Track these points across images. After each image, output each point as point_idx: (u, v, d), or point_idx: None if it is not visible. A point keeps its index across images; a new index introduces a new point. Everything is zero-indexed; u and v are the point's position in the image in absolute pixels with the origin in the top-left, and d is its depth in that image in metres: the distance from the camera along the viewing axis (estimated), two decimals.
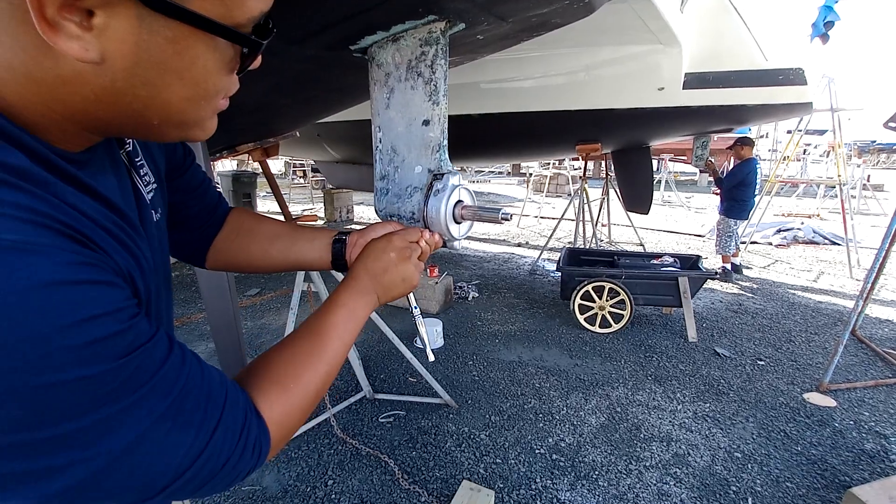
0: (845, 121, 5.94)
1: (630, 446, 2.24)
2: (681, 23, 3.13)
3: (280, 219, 0.78)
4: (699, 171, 14.74)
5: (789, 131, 9.89)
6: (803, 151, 12.39)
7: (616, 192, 5.60)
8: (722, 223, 5.00)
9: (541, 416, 2.48)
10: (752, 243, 6.66)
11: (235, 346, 1.93)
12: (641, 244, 6.39)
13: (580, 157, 4.59)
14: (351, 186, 7.42)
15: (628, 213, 5.68)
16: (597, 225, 5.90)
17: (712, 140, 4.34)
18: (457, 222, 0.78)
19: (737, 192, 4.84)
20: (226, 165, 13.82)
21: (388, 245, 0.62)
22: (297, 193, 12.35)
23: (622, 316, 3.49)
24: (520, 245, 6.81)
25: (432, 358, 0.73)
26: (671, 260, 3.90)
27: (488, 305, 4.14)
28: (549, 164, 13.33)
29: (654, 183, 6.28)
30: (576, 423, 2.42)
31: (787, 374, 2.97)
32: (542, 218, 9.17)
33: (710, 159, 4.67)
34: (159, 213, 0.52)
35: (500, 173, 21.30)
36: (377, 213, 0.88)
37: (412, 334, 3.44)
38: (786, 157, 6.73)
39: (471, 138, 4.18)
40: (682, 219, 9.51)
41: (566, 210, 5.59)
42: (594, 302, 3.53)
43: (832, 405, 2.60)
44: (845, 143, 6.13)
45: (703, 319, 3.85)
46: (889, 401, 2.66)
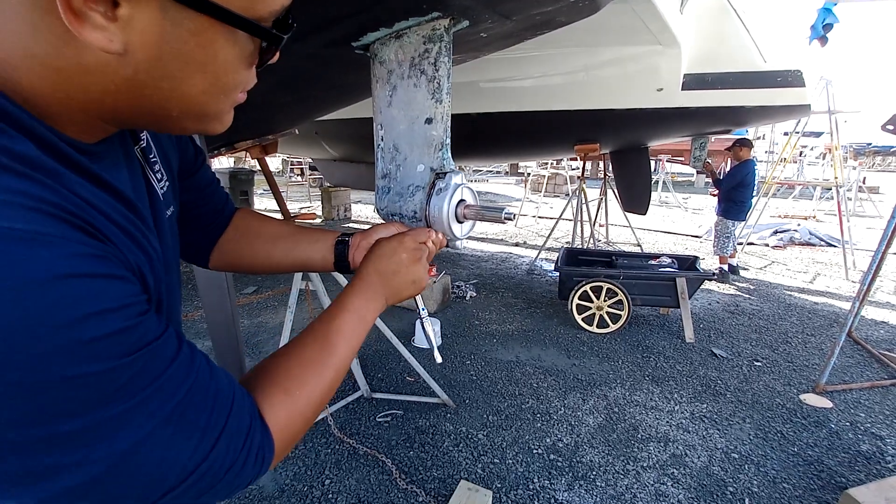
0: (841, 123, 5.96)
1: (628, 447, 2.24)
2: (680, 24, 3.13)
3: (279, 217, 0.77)
4: (696, 172, 14.79)
5: (786, 133, 9.94)
6: (800, 153, 12.45)
7: (614, 192, 5.61)
8: (720, 224, 5.01)
9: (538, 415, 2.48)
10: (748, 244, 6.68)
11: (233, 344, 1.92)
12: (639, 244, 6.40)
13: (578, 157, 4.59)
14: (349, 185, 7.40)
15: (626, 213, 5.69)
16: (594, 225, 5.90)
17: (710, 141, 4.35)
18: (459, 222, 0.77)
19: (735, 194, 4.85)
20: (223, 163, 13.78)
21: (399, 246, 0.61)
22: (294, 191, 12.31)
23: (620, 316, 3.49)
24: (517, 245, 6.81)
25: (440, 360, 0.72)
26: (669, 261, 3.90)
27: (486, 305, 4.14)
28: (547, 163, 13.33)
29: (652, 183, 6.30)
30: (573, 423, 2.42)
31: (783, 375, 2.98)
32: (539, 218, 9.18)
33: (708, 160, 4.68)
34: (171, 210, 0.51)
35: (497, 173, 21.31)
36: (378, 211, 0.87)
37: (410, 333, 3.43)
38: (783, 159, 6.75)
39: (469, 138, 4.18)
40: (679, 219, 9.54)
41: (564, 210, 5.59)
42: (592, 302, 3.53)
43: (828, 406, 2.61)
44: (841, 145, 6.16)
45: (700, 320, 3.86)
46: (885, 402, 2.67)
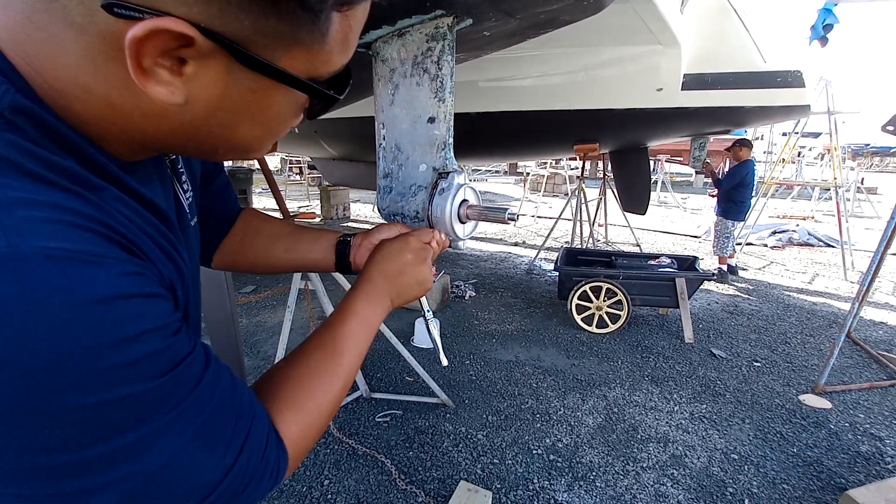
0: (840, 124, 5.97)
1: (627, 447, 2.24)
2: (680, 24, 3.13)
3: (278, 216, 0.77)
4: (696, 172, 14.81)
5: (784, 133, 9.96)
6: (798, 154, 12.49)
7: (613, 192, 5.61)
8: (720, 224, 5.02)
9: (538, 416, 2.47)
10: (747, 245, 6.69)
11: (232, 343, 1.91)
12: (638, 244, 6.40)
13: (578, 157, 4.59)
14: (348, 184, 7.37)
15: (625, 213, 5.69)
16: (594, 225, 5.90)
17: (709, 141, 4.35)
18: (462, 222, 0.77)
19: (735, 194, 4.86)
20: None
21: (404, 246, 0.60)
22: (293, 190, 12.29)
23: (619, 316, 3.48)
24: (516, 244, 6.81)
25: (446, 362, 0.71)
26: (668, 261, 3.90)
27: (485, 304, 4.13)
28: (546, 163, 13.34)
29: (651, 183, 6.30)
30: (573, 423, 2.42)
31: (782, 375, 2.98)
32: (538, 217, 9.18)
33: (708, 160, 4.69)
34: (195, 221, 0.52)
35: (496, 172, 21.30)
36: (380, 211, 0.86)
37: (409, 333, 3.42)
38: (782, 160, 6.76)
39: (469, 137, 4.16)
40: (678, 220, 9.55)
41: (563, 210, 5.59)
42: (591, 302, 3.53)
43: (828, 407, 2.61)
44: (840, 146, 6.17)
45: (700, 320, 3.86)
46: (884, 403, 2.67)
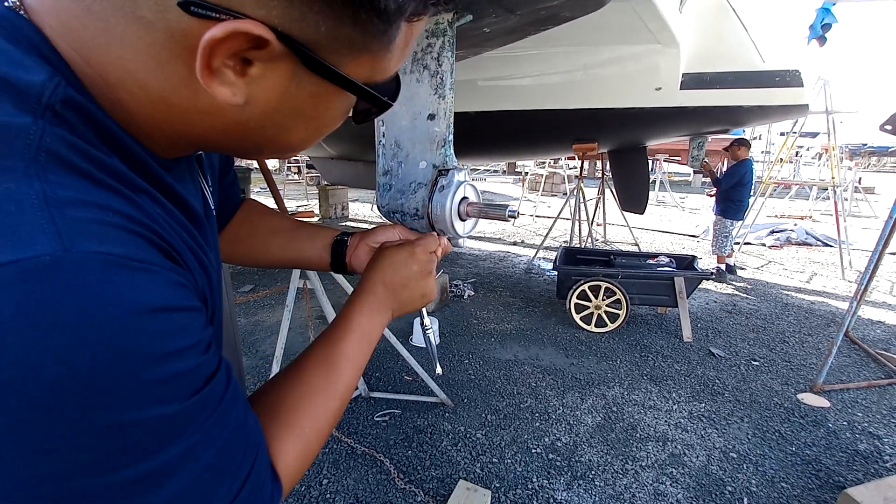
0: (837, 124, 5.99)
1: (626, 446, 2.24)
2: (679, 23, 3.13)
3: (291, 216, 0.76)
4: (694, 171, 14.84)
5: (782, 133, 9.97)
6: (795, 153, 12.52)
7: (612, 191, 5.61)
8: (719, 224, 5.03)
9: (537, 415, 2.47)
10: (745, 244, 6.71)
11: (231, 342, 1.90)
12: (636, 244, 6.41)
13: (577, 157, 4.59)
14: (346, 183, 7.36)
15: (624, 212, 5.70)
16: (592, 224, 5.90)
17: (707, 141, 4.35)
18: (462, 219, 0.76)
19: (733, 193, 4.87)
20: None
21: (410, 258, 0.57)
22: (291, 189, 12.27)
23: (618, 315, 3.49)
24: (515, 244, 6.81)
25: (440, 371, 0.70)
26: (667, 260, 3.91)
27: (484, 304, 4.13)
28: (544, 162, 13.34)
29: (650, 183, 6.31)
30: (572, 422, 2.42)
31: (781, 374, 2.99)
32: (537, 217, 9.18)
33: (706, 160, 4.69)
34: (215, 216, 0.51)
35: (495, 171, 21.29)
36: (379, 209, 0.86)
37: (408, 332, 3.42)
38: (780, 160, 6.78)
39: (467, 136, 4.16)
40: (676, 219, 9.56)
41: (562, 209, 5.59)
42: (590, 301, 3.53)
43: (826, 406, 2.62)
44: (838, 145, 6.18)
45: (698, 319, 3.86)
46: (882, 402, 2.68)
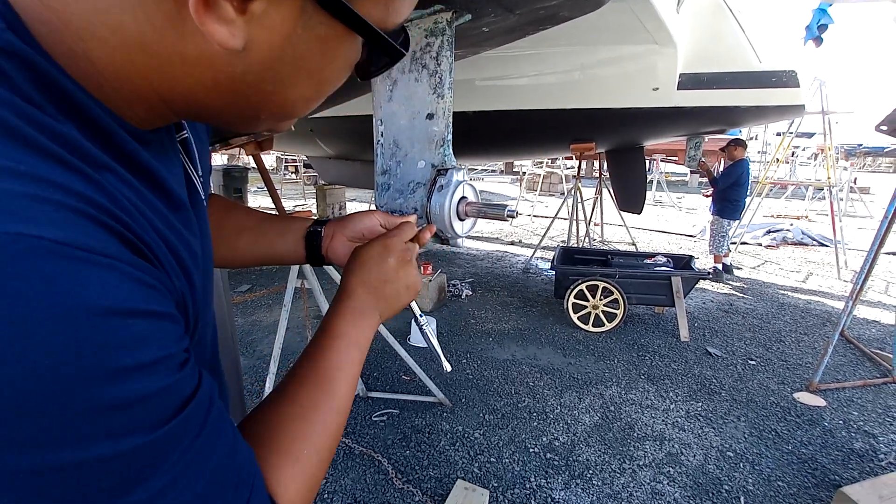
0: (833, 124, 6.02)
1: (624, 445, 2.25)
2: (677, 23, 3.14)
3: (258, 210, 0.70)
4: (691, 171, 14.88)
5: (779, 134, 10.01)
6: (792, 154, 12.58)
7: (609, 191, 5.62)
8: (716, 223, 5.05)
9: (535, 414, 2.47)
10: (742, 244, 6.73)
11: (228, 343, 1.89)
12: (634, 244, 6.42)
13: (574, 156, 4.59)
14: (344, 183, 7.35)
15: (621, 212, 5.71)
16: (590, 224, 5.91)
17: (704, 141, 4.37)
18: (461, 219, 0.76)
19: (730, 193, 4.90)
20: (216, 160, 13.67)
21: (384, 251, 0.52)
22: (288, 189, 12.25)
23: (615, 315, 3.49)
24: (513, 243, 6.81)
25: (449, 368, 0.66)
26: (664, 259, 3.92)
27: (482, 303, 4.13)
28: (542, 162, 13.35)
29: (647, 183, 6.32)
30: (570, 421, 2.42)
31: (777, 373, 3.00)
32: (535, 217, 9.19)
33: (703, 160, 4.71)
34: (205, 203, 0.47)
35: (492, 171, 21.29)
36: (378, 208, 0.86)
37: (406, 332, 3.42)
38: (777, 160, 6.80)
39: (465, 136, 4.16)
40: (673, 219, 9.59)
41: (560, 209, 5.60)
42: (588, 301, 3.53)
43: (822, 405, 2.63)
44: (833, 146, 6.21)
45: (695, 319, 3.87)
46: (877, 400, 2.69)
